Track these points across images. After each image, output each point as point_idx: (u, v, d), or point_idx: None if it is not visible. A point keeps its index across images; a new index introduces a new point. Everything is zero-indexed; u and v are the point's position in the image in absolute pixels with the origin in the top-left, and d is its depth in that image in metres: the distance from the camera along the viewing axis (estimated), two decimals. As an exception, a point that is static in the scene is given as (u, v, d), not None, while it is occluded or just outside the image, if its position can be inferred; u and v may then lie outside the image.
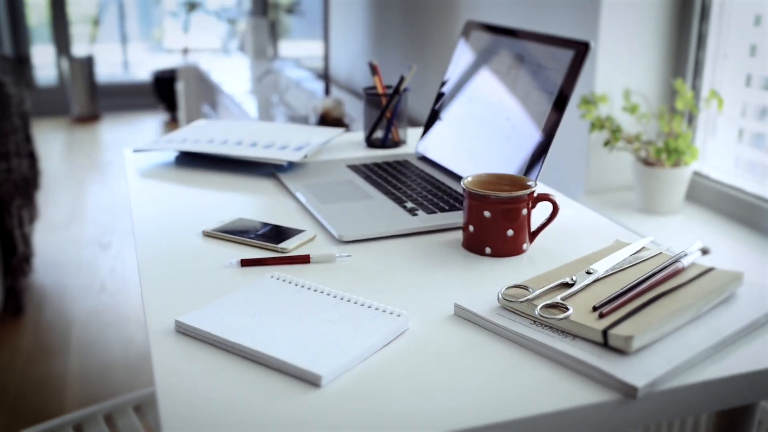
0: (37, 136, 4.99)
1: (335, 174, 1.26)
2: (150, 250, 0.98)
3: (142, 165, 1.34)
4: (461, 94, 1.29)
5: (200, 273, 0.91)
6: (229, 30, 6.05)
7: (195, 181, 1.26)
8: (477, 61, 1.28)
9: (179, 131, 1.45)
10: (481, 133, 1.21)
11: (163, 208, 1.13)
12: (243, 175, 1.28)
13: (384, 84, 1.49)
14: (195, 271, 0.92)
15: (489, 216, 0.94)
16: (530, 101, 1.12)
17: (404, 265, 0.94)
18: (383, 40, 3.22)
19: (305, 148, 1.31)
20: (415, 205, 1.11)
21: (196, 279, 0.89)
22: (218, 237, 1.01)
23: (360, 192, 1.17)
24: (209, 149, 1.32)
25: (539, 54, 1.13)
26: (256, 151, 1.30)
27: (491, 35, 1.26)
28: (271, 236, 1.00)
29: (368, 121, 1.48)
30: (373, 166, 1.30)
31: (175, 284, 0.88)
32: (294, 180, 1.23)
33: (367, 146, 1.48)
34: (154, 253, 0.97)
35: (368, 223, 1.04)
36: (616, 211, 1.85)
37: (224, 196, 1.19)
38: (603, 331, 0.71)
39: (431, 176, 1.24)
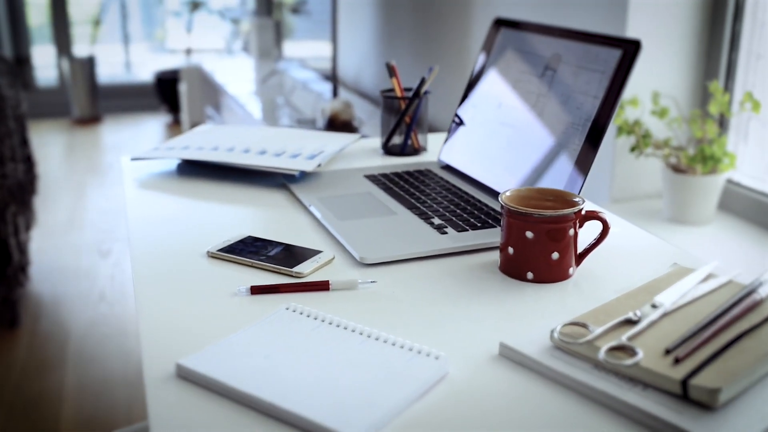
0: (37, 138, 4.89)
1: (352, 185, 1.15)
2: (148, 274, 0.87)
3: (140, 174, 1.24)
4: (489, 98, 1.18)
5: (205, 302, 0.80)
6: (233, 30, 5.94)
7: (198, 192, 1.15)
8: (507, 62, 1.16)
9: (181, 137, 1.34)
10: (512, 142, 1.10)
11: (163, 223, 1.02)
12: (251, 186, 1.17)
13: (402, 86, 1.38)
14: (199, 299, 0.80)
15: (532, 237, 0.83)
16: (570, 106, 1.01)
17: (436, 292, 0.83)
18: (393, 40, 3.11)
19: (319, 156, 1.20)
20: (443, 221, 0.99)
21: (200, 309, 0.78)
22: (224, 258, 0.90)
23: (381, 206, 1.06)
24: (214, 157, 1.21)
25: (580, 54, 1.02)
26: (266, 160, 1.19)
27: (523, 33, 1.15)
28: (283, 258, 0.89)
29: (385, 127, 1.37)
30: (392, 176, 1.19)
31: (177, 316, 0.77)
32: (307, 192, 1.12)
33: (384, 153, 1.37)
34: (152, 279, 0.85)
35: (393, 243, 0.93)
36: (644, 220, 1.74)
37: (230, 209, 1.08)
38: (682, 382, 0.60)
39: (458, 188, 1.13)
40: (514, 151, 1.09)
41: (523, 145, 1.07)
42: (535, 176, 1.03)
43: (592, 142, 0.96)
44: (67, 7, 5.35)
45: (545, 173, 1.02)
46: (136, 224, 1.02)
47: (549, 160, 1.02)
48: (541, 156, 1.03)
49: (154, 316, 0.77)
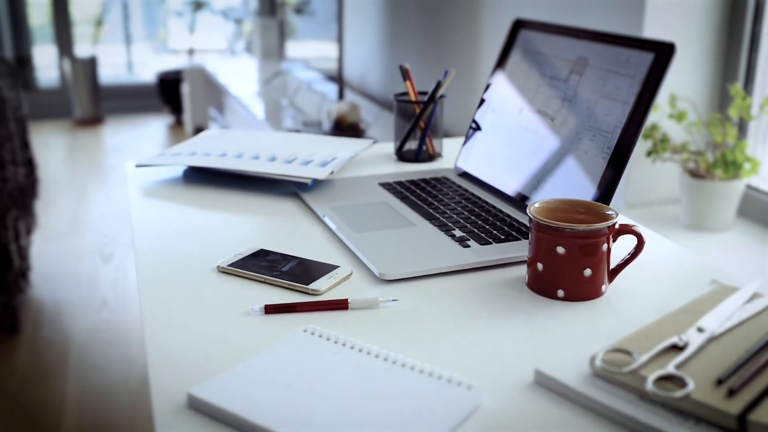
0: (38, 139, 4.84)
1: (366, 194, 1.10)
2: (156, 291, 0.82)
3: (145, 181, 1.19)
4: (509, 103, 1.13)
5: (216, 322, 0.75)
6: (236, 30, 5.89)
7: (206, 201, 1.10)
8: (528, 65, 1.11)
9: (187, 142, 1.29)
10: (535, 148, 1.05)
11: (169, 235, 0.97)
12: (261, 195, 1.12)
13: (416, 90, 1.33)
14: (210, 319, 0.76)
15: (563, 253, 0.78)
16: (598, 112, 0.96)
17: (461, 311, 0.78)
18: (399, 41, 3.06)
19: (331, 163, 1.15)
20: (464, 233, 0.94)
21: (211, 330, 0.73)
22: (236, 274, 0.85)
23: (398, 217, 1.01)
24: (222, 164, 1.16)
25: (608, 57, 0.97)
26: (276, 167, 1.14)
27: (545, 35, 1.10)
28: (298, 274, 0.84)
29: (399, 132, 1.32)
30: (408, 184, 1.14)
31: (187, 338, 0.72)
32: (320, 201, 1.07)
33: (397, 159, 1.32)
34: (160, 297, 0.81)
35: (413, 257, 0.88)
36: (660, 227, 1.70)
37: (240, 219, 1.03)
38: (739, 417, 0.55)
39: (477, 197, 1.08)
40: (536, 159, 1.04)
41: (547, 153, 1.02)
42: (560, 186, 0.98)
43: (622, 151, 0.91)
44: (68, 7, 5.30)
45: (571, 183, 0.97)
46: (142, 236, 0.97)
47: (575, 168, 0.97)
48: (567, 164, 0.98)
49: (163, 338, 0.72)
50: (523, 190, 1.04)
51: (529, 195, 1.03)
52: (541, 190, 1.01)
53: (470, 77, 2.41)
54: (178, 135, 4.94)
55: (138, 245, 0.94)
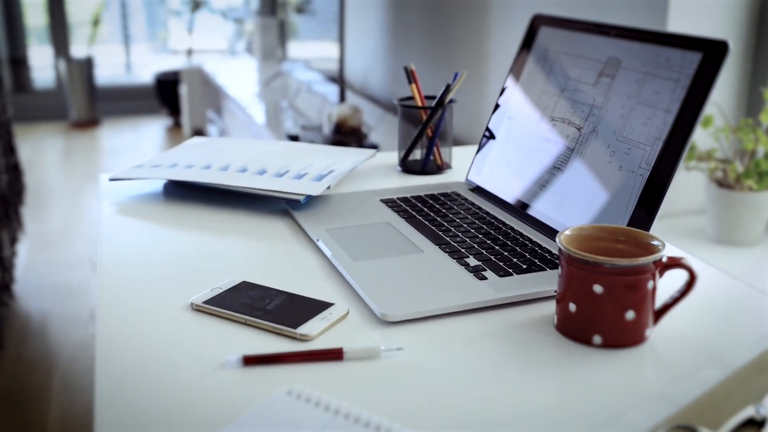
0: (33, 142, 4.72)
1: (367, 212, 0.97)
2: (114, 335, 0.69)
3: (120, 197, 1.06)
4: (528, 109, 1.00)
5: (184, 377, 0.62)
6: (237, 30, 5.77)
7: (185, 220, 0.97)
8: (549, 67, 0.99)
9: (170, 152, 1.17)
10: (559, 162, 0.92)
11: (140, 262, 0.84)
12: (247, 213, 0.99)
13: (423, 94, 1.20)
14: (177, 374, 0.63)
15: (601, 292, 0.65)
16: (634, 122, 0.83)
17: (479, 362, 0.65)
18: (403, 41, 2.93)
19: (327, 177, 1.03)
20: (480, 262, 0.81)
21: (177, 389, 0.60)
22: (212, 313, 0.72)
23: (403, 241, 0.88)
24: (204, 178, 1.03)
25: (646, 58, 0.84)
26: (265, 182, 1.01)
27: (569, 33, 0.97)
28: (286, 313, 0.71)
29: (403, 140, 1.19)
30: (414, 200, 1.02)
31: (146, 398, 0.59)
32: (314, 220, 0.94)
33: (402, 171, 1.19)
34: (119, 341, 0.68)
35: (421, 292, 0.75)
36: (684, 240, 1.57)
37: (222, 243, 0.90)
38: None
39: (493, 216, 0.95)
40: (561, 174, 0.91)
41: (573, 167, 0.89)
42: (589, 207, 0.85)
43: (664, 167, 0.78)
44: (65, 6, 5.18)
45: (602, 204, 0.84)
46: (108, 262, 0.84)
47: (607, 187, 0.84)
48: (597, 181, 0.85)
49: (116, 395, 0.59)
50: (546, 210, 0.91)
51: (553, 216, 0.90)
52: (566, 211, 0.88)
53: (479, 79, 2.28)
54: (176, 137, 4.81)
55: (102, 273, 0.81)
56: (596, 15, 1.75)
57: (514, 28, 2.04)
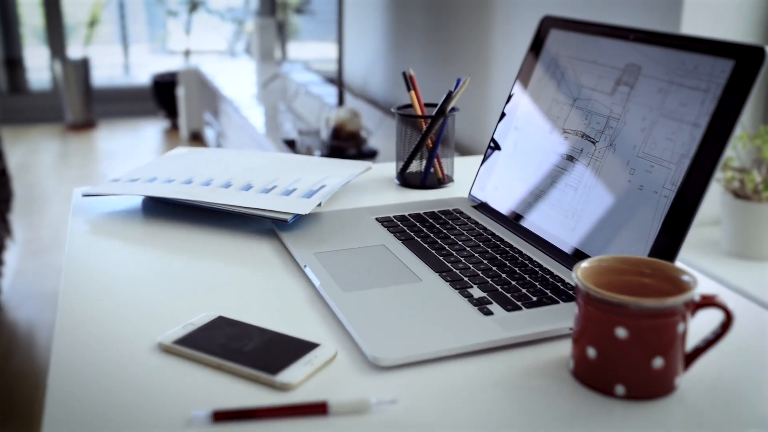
0: (28, 144, 4.64)
1: (360, 233, 0.89)
2: (68, 381, 0.60)
3: (93, 214, 0.97)
4: (537, 120, 0.92)
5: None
6: (236, 31, 5.69)
7: (162, 241, 0.88)
8: (561, 74, 0.90)
9: (150, 164, 1.08)
10: (571, 179, 0.83)
11: (106, 292, 0.76)
12: (230, 233, 0.91)
13: (423, 101, 1.11)
14: (137, 431, 0.54)
15: (625, 336, 0.57)
16: (657, 136, 0.75)
17: (485, 416, 0.56)
18: (404, 43, 2.85)
19: (318, 193, 0.94)
20: (485, 293, 0.73)
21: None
22: (182, 355, 0.64)
23: (399, 267, 0.79)
24: (184, 195, 0.94)
25: (670, 65, 0.76)
26: (249, 199, 0.93)
27: (583, 36, 0.88)
28: (265, 356, 0.63)
29: (402, 151, 1.11)
30: (412, 219, 0.93)
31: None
32: (302, 243, 0.85)
33: (399, 184, 1.11)
34: (73, 385, 0.59)
35: (419, 330, 0.66)
36: (698, 253, 1.48)
37: (199, 269, 0.81)
38: None
39: (499, 238, 0.87)
40: (574, 192, 0.82)
41: (588, 185, 0.81)
42: (607, 229, 0.77)
43: (693, 187, 0.70)
44: (61, 7, 5.10)
45: (621, 227, 0.75)
46: (72, 289, 0.76)
47: (626, 208, 0.75)
48: (615, 202, 0.77)
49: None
50: (558, 232, 0.83)
51: (565, 238, 0.81)
52: (580, 234, 0.80)
53: (482, 84, 2.20)
54: (173, 140, 4.73)
55: (63, 302, 0.73)
56: (604, 16, 1.66)
57: (520, 29, 1.96)
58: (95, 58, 5.36)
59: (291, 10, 4.35)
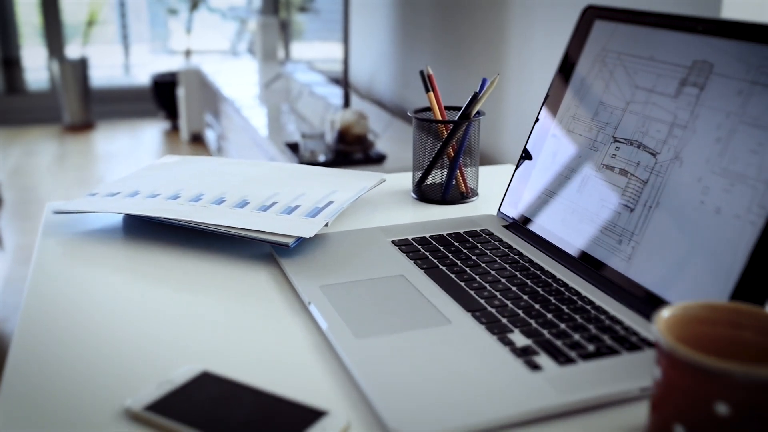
0: (25, 146, 4.52)
1: (374, 259, 0.76)
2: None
3: (66, 235, 0.84)
4: (580, 126, 0.79)
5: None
6: (239, 30, 5.56)
7: (141, 269, 0.75)
8: (610, 72, 0.77)
9: (135, 175, 0.95)
10: (626, 198, 0.70)
11: (69, 331, 0.63)
12: (222, 258, 0.78)
13: (441, 103, 0.98)
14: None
15: (728, 413, 0.44)
16: (737, 148, 0.61)
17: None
18: (411, 42, 2.71)
19: (325, 210, 0.81)
20: (529, 339, 0.60)
21: None
22: (155, 425, 0.51)
23: (422, 304, 0.66)
24: (169, 213, 0.81)
25: (751, 61, 0.62)
26: (245, 219, 0.79)
27: (636, 28, 0.75)
28: (261, 428, 0.49)
29: (419, 160, 0.97)
30: (434, 242, 0.80)
31: None
32: (305, 272, 0.72)
33: (417, 198, 0.98)
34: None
35: (451, 393, 0.53)
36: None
37: (183, 306, 0.68)
38: None
39: (538, 266, 0.74)
40: (631, 215, 0.69)
41: (648, 206, 0.68)
42: (673, 261, 0.64)
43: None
44: (59, 5, 4.98)
45: (694, 260, 0.62)
46: (27, 329, 0.63)
47: (700, 236, 0.62)
48: (684, 228, 0.64)
49: None
50: (610, 261, 0.69)
51: (620, 269, 0.68)
52: (639, 265, 0.66)
53: (497, 86, 2.06)
54: (174, 142, 4.61)
55: (15, 349, 0.60)
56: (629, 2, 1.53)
57: (539, 26, 1.82)
58: (96, 58, 5.24)
59: (294, 9, 4.22)
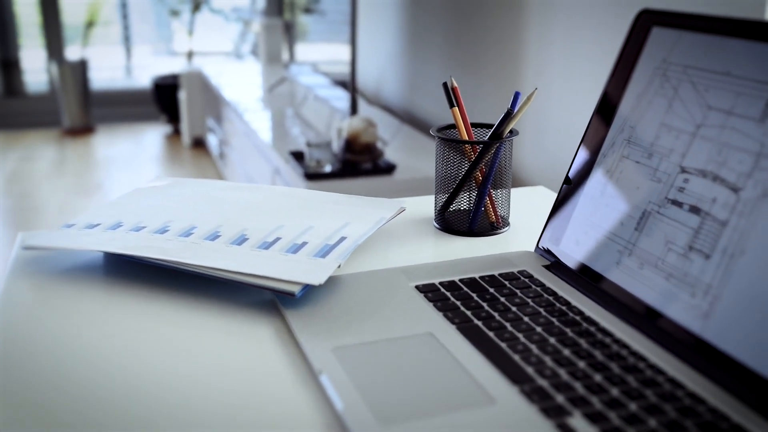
0: (23, 151, 4.42)
1: (396, 311, 0.64)
2: None
3: (37, 274, 0.73)
4: (637, 152, 0.67)
5: None
6: (242, 31, 5.45)
7: (118, 320, 0.64)
8: (674, 89, 0.65)
9: (120, 201, 0.84)
10: (702, 240, 0.58)
11: (39, 389, 0.51)
12: (216, 305, 0.66)
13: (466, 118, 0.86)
14: None
15: None
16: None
17: None
18: (420, 45, 2.60)
19: (336, 250, 0.69)
20: (594, 424, 0.48)
21: None
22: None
23: (457, 374, 0.54)
24: (155, 252, 0.69)
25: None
26: (243, 260, 0.68)
27: (707, 38, 0.63)
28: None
29: (442, 184, 0.86)
30: (465, 287, 0.68)
31: None
32: (315, 328, 0.60)
33: (440, 228, 0.86)
34: None
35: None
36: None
37: (165, 374, 0.57)
38: None
39: (593, 321, 0.62)
40: (707, 263, 0.57)
41: (731, 251, 0.56)
42: (762, 319, 0.52)
43: None
44: (58, 6, 4.87)
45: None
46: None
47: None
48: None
49: None
50: (680, 317, 0.58)
51: (695, 328, 0.56)
52: (717, 322, 0.55)
53: (512, 93, 1.94)
54: (175, 146, 4.50)
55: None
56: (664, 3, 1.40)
57: (559, 30, 1.70)
58: (97, 59, 5.13)
59: (299, 10, 4.11)
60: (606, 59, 1.52)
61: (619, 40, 1.47)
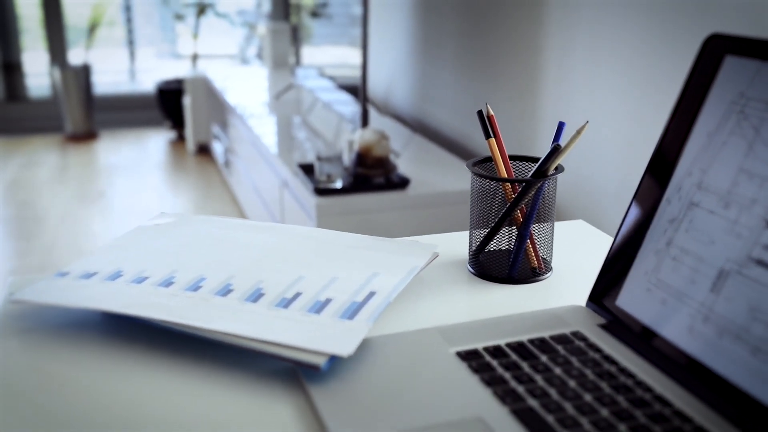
0: (24, 157, 4.34)
1: (437, 386, 0.55)
2: None
3: (28, 328, 0.64)
4: (709, 200, 0.58)
5: None
6: (248, 35, 5.37)
7: (121, 382, 0.55)
8: (754, 129, 0.56)
9: (120, 242, 0.75)
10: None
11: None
12: (228, 371, 0.58)
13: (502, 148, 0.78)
14: None
15: None
16: None
17: None
18: (432, 51, 2.51)
19: (366, 308, 0.61)
20: None
21: None
22: None
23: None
24: (156, 313, 0.61)
25: None
26: (259, 322, 0.59)
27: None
28: None
29: (478, 223, 0.77)
30: (513, 353, 0.59)
31: None
32: (345, 413, 0.52)
33: (474, 273, 0.77)
34: None
35: None
36: None
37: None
38: None
39: (665, 400, 0.53)
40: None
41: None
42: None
43: None
44: (61, 9, 4.79)
45: None
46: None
47: None
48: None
49: None
50: (766, 395, 0.49)
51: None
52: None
53: (529, 109, 1.85)
54: (180, 153, 4.42)
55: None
56: (685, 18, 1.31)
57: (581, 39, 1.61)
58: (101, 63, 5.05)
59: (306, 14, 4.03)
60: (630, 71, 1.43)
61: (647, 49, 1.38)
